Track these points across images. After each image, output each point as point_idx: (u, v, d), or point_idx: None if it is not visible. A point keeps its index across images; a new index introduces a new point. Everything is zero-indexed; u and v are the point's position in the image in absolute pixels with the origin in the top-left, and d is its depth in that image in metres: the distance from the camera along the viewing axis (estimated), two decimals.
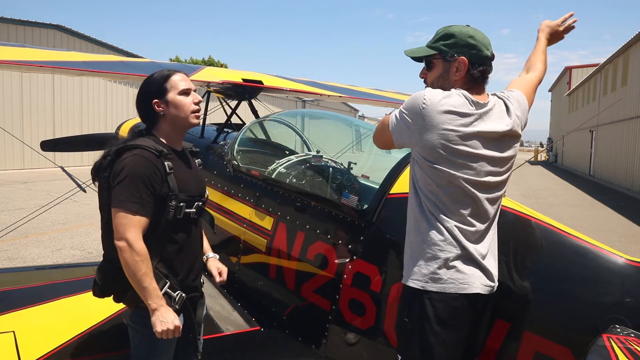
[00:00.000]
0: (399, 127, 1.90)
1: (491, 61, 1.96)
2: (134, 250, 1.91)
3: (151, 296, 1.94)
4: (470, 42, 1.90)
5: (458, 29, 1.93)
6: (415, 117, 1.84)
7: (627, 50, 21.51)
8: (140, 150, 2.00)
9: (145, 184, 1.96)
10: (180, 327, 1.99)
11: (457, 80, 1.92)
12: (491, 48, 1.95)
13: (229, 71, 4.28)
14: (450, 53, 1.91)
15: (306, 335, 2.82)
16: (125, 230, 1.92)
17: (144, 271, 1.92)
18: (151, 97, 2.12)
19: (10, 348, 2.35)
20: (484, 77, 1.95)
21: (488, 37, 1.96)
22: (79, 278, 3.29)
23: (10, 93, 18.42)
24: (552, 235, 2.14)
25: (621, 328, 1.79)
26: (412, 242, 1.95)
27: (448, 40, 1.92)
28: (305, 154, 3.64)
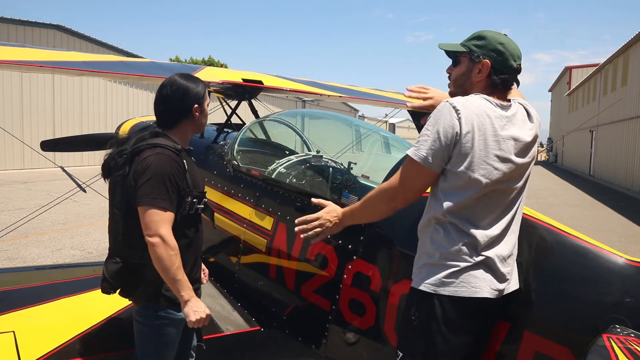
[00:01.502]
0: (432, 149, 1.81)
1: (517, 73, 1.96)
2: (168, 245, 2.00)
3: (184, 288, 2.03)
4: (499, 48, 1.91)
5: (492, 34, 1.95)
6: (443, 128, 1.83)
7: (627, 50, 21.51)
8: (162, 149, 2.10)
9: (171, 181, 2.06)
10: (209, 315, 2.10)
11: (478, 82, 1.93)
12: (519, 60, 1.94)
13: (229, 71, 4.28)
14: (477, 53, 1.92)
15: (306, 335, 2.82)
16: (159, 227, 2.00)
17: (178, 265, 2.02)
18: (193, 102, 2.24)
19: (10, 348, 2.36)
20: (505, 86, 1.94)
21: (521, 51, 1.95)
22: (79, 278, 3.30)
23: (10, 93, 18.42)
24: (552, 235, 2.14)
25: (621, 328, 1.79)
26: (426, 247, 1.92)
27: (479, 41, 1.94)
28: (305, 154, 3.64)
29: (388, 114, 5.04)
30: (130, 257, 2.13)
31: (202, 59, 36.74)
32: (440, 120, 1.80)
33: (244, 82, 4.10)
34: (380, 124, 5.50)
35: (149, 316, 2.16)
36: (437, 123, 1.80)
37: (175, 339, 2.22)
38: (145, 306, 2.17)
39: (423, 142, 1.82)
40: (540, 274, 2.07)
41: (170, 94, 2.23)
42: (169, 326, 2.18)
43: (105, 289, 2.18)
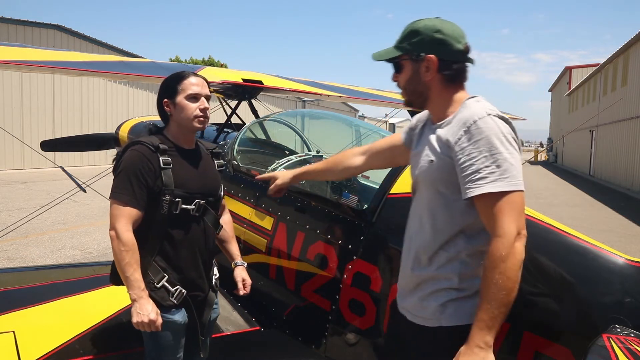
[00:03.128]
0: (518, 167, 1.59)
1: (466, 54, 1.75)
2: (120, 240, 1.98)
3: (132, 286, 1.98)
4: (437, 37, 1.71)
5: (423, 24, 1.74)
6: (517, 143, 1.63)
7: (627, 50, 21.51)
8: (139, 145, 2.09)
9: (137, 177, 2.03)
10: (156, 322, 1.99)
11: (432, 81, 1.74)
12: (464, 40, 1.74)
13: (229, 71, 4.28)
14: (417, 51, 1.73)
15: (306, 335, 2.82)
16: (115, 221, 2.01)
17: (127, 261, 1.98)
18: (162, 97, 2.21)
19: (10, 348, 2.35)
20: (463, 75, 1.77)
21: (462, 29, 1.76)
22: (79, 278, 3.30)
23: (10, 93, 18.42)
24: (552, 235, 2.14)
25: (621, 328, 1.79)
26: (451, 283, 1.70)
27: (414, 37, 1.74)
28: (305, 154, 3.64)
29: (388, 114, 5.04)
30: None
31: (202, 59, 36.74)
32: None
33: (244, 82, 4.11)
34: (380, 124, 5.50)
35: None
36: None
37: (174, 343, 2.17)
38: None
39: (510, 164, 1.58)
40: (540, 274, 2.07)
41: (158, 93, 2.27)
42: (162, 329, 2.11)
43: (110, 279, 2.25)
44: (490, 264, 1.52)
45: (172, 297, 2.11)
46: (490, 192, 1.54)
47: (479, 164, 1.56)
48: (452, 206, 1.69)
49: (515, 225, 1.53)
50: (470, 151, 1.58)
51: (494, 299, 1.50)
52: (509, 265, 1.50)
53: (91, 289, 2.98)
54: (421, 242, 1.78)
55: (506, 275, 1.49)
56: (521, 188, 1.58)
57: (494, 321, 1.51)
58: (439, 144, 1.71)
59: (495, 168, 1.55)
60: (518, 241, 1.53)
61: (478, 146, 1.57)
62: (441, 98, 1.77)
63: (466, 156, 1.58)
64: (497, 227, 1.54)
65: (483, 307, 1.52)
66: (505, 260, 1.50)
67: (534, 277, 2.06)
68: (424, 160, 1.76)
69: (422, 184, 1.80)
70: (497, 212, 1.54)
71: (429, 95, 1.78)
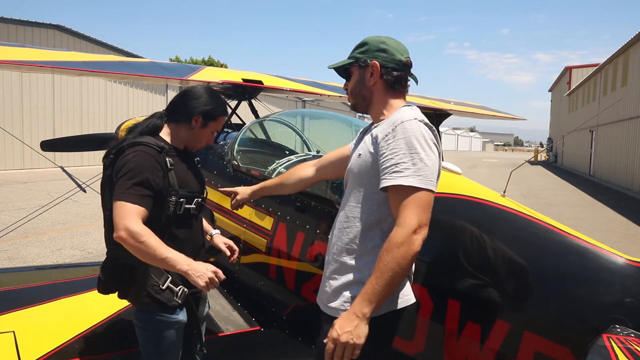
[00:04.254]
0: (433, 169, 1.76)
1: (407, 68, 1.97)
2: (135, 234, 1.88)
3: (176, 262, 1.90)
4: (381, 47, 1.94)
5: (373, 38, 1.99)
6: (437, 148, 1.83)
7: (627, 50, 21.51)
8: (143, 146, 2.07)
9: (147, 177, 2.00)
10: (217, 272, 1.93)
11: (374, 86, 1.95)
12: (407, 54, 1.97)
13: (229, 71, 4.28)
14: (363, 59, 1.95)
15: (306, 335, 2.82)
16: (123, 219, 1.91)
17: (156, 245, 1.89)
18: (198, 112, 2.23)
19: (10, 348, 2.35)
20: (401, 84, 1.96)
21: (406, 47, 1.98)
22: (79, 278, 3.29)
23: (10, 93, 18.42)
24: (552, 235, 2.14)
25: (621, 328, 1.79)
26: (358, 274, 1.84)
27: (362, 47, 1.98)
28: (305, 154, 3.64)
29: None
30: (122, 257, 2.05)
31: (202, 59, 36.74)
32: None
33: (244, 82, 4.11)
34: None
35: (146, 320, 2.14)
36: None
37: (175, 342, 2.19)
38: (142, 309, 2.15)
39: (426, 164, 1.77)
40: (540, 273, 2.07)
41: (192, 91, 2.28)
42: (165, 330, 2.14)
43: (100, 289, 2.17)
44: (386, 246, 1.67)
45: (176, 297, 2.10)
46: (402, 184, 1.69)
47: (397, 159, 1.72)
48: (370, 199, 1.85)
49: (417, 219, 1.67)
50: (392, 147, 1.74)
51: (380, 277, 1.65)
52: (402, 252, 1.64)
53: (91, 289, 2.96)
54: (340, 233, 1.93)
55: (396, 261, 1.64)
56: (431, 187, 1.72)
57: (375, 296, 1.66)
58: (369, 141, 1.89)
59: (411, 165, 1.71)
60: (417, 234, 1.66)
61: (400, 143, 1.74)
62: (381, 103, 1.96)
63: (389, 151, 1.75)
64: (401, 217, 1.69)
65: (370, 282, 1.68)
66: (399, 246, 1.64)
67: (534, 277, 2.06)
68: (354, 156, 1.96)
69: (349, 178, 1.97)
70: (404, 204, 1.69)
71: (372, 99, 1.98)
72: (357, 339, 1.65)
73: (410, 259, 1.66)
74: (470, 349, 2.11)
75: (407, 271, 1.68)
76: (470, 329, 2.10)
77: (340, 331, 1.66)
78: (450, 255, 2.25)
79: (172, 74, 3.31)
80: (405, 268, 1.66)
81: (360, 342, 1.66)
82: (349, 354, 1.66)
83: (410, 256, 1.65)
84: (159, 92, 25.06)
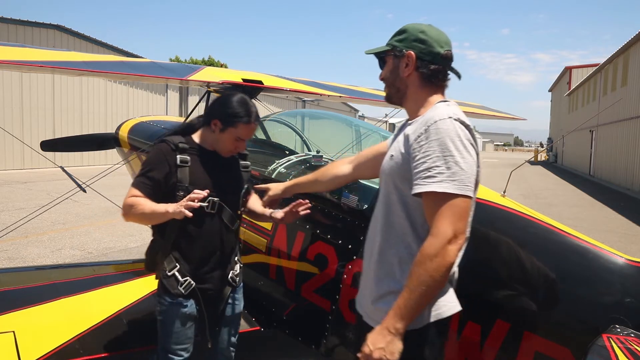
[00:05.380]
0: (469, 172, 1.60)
1: (447, 61, 1.80)
2: (126, 205, 2.16)
3: (164, 209, 2.10)
4: (420, 37, 1.78)
5: (413, 25, 1.83)
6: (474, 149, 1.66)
7: (627, 50, 21.51)
8: (163, 144, 2.28)
9: (152, 170, 2.21)
10: (185, 203, 2.08)
11: (408, 77, 1.80)
12: (447, 47, 1.80)
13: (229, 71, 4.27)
14: (399, 48, 1.81)
15: (306, 335, 2.82)
16: (124, 201, 2.18)
17: (142, 204, 2.14)
18: (216, 115, 2.31)
19: (10, 348, 2.35)
20: (437, 77, 1.80)
21: (449, 38, 1.82)
22: (79, 278, 3.29)
23: (10, 93, 18.42)
24: (552, 235, 2.14)
25: (621, 328, 1.79)
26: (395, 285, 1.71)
27: (400, 35, 1.83)
28: (305, 154, 3.64)
29: (388, 114, 5.03)
30: (153, 237, 2.34)
31: (202, 59, 36.73)
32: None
33: (244, 82, 4.10)
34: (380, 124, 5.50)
35: (157, 301, 2.34)
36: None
37: (179, 331, 2.27)
38: (157, 291, 2.34)
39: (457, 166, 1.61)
40: (540, 274, 2.07)
41: (221, 96, 2.39)
42: (167, 314, 2.28)
43: (144, 266, 2.40)
44: (419, 258, 1.56)
45: (180, 286, 2.24)
46: (435, 191, 1.56)
47: (430, 163, 1.59)
48: (404, 203, 1.72)
49: (452, 228, 1.54)
50: (425, 149, 1.61)
51: (413, 291, 1.55)
52: (435, 264, 1.53)
53: (91, 289, 2.98)
54: (374, 239, 1.83)
55: (429, 273, 1.53)
56: (466, 193, 1.58)
57: (408, 310, 1.56)
58: (402, 141, 1.75)
59: (445, 169, 1.57)
60: (452, 244, 1.54)
61: (433, 145, 1.60)
62: (416, 97, 1.82)
63: (421, 153, 1.62)
64: (434, 226, 1.57)
65: (402, 295, 1.57)
66: (432, 259, 1.53)
67: (534, 277, 2.06)
68: (387, 156, 1.83)
69: (382, 180, 1.85)
70: (438, 212, 1.57)
71: (406, 92, 1.83)
72: (390, 355, 1.56)
73: (445, 270, 1.54)
74: (469, 348, 2.11)
75: (443, 283, 1.57)
76: (470, 329, 2.10)
77: (372, 347, 1.57)
78: None
79: (172, 74, 3.30)
80: (440, 280, 1.54)
81: (394, 358, 1.56)
82: None
83: (445, 268, 1.53)
84: (159, 92, 25.05)
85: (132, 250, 7.12)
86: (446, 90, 1.85)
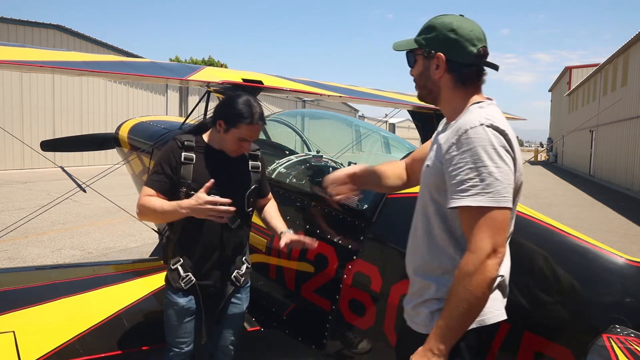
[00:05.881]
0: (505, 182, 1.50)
1: (482, 58, 1.67)
2: (140, 206, 2.24)
3: (177, 207, 2.17)
4: (450, 37, 1.64)
5: (441, 21, 1.68)
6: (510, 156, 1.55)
7: (627, 50, 21.51)
8: (172, 141, 2.37)
9: (161, 166, 2.30)
10: (200, 198, 2.14)
11: (441, 79, 1.69)
12: (480, 43, 1.66)
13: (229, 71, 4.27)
14: (429, 48, 1.68)
15: (306, 335, 2.82)
16: (139, 201, 2.26)
17: (158, 204, 2.21)
18: (220, 116, 2.34)
19: (10, 348, 2.35)
20: (472, 79, 1.68)
21: (482, 31, 1.69)
22: (79, 278, 3.29)
23: (10, 93, 18.42)
24: (552, 235, 2.14)
25: (621, 328, 1.79)
26: (442, 293, 1.63)
27: (429, 33, 1.69)
28: (305, 154, 3.64)
29: (388, 114, 5.04)
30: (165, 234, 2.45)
31: (202, 59, 36.73)
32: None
33: (244, 82, 4.10)
34: (380, 124, 5.50)
35: (164, 304, 2.41)
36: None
37: (177, 324, 2.34)
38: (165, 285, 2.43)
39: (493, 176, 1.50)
40: (540, 274, 2.07)
41: (227, 96, 2.40)
42: (168, 307, 2.37)
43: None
44: (458, 275, 1.50)
45: (181, 280, 2.31)
46: (469, 205, 1.49)
47: (463, 175, 1.51)
48: (444, 214, 1.64)
49: (491, 242, 1.47)
50: (457, 161, 1.53)
51: (454, 310, 1.48)
52: (475, 281, 1.46)
53: (91, 289, 2.97)
54: (417, 249, 1.76)
55: (470, 290, 1.46)
56: (504, 205, 1.49)
57: (450, 331, 1.49)
58: (437, 149, 1.67)
59: (478, 181, 1.48)
60: (492, 259, 1.47)
61: (465, 157, 1.51)
62: (450, 99, 1.71)
63: (453, 165, 1.54)
64: (472, 242, 1.49)
65: (444, 316, 1.51)
66: (471, 275, 1.46)
67: (534, 277, 2.06)
68: (424, 164, 1.74)
69: (420, 189, 1.78)
70: (474, 227, 1.49)
71: (439, 94, 1.73)
72: None
73: (486, 286, 1.46)
74: None
75: (484, 300, 1.49)
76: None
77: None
78: None
79: (172, 74, 3.30)
80: (482, 297, 1.47)
81: None
82: None
83: (486, 284, 1.45)
84: (159, 92, 25.06)
85: (132, 250, 7.13)
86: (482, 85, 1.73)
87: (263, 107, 2.43)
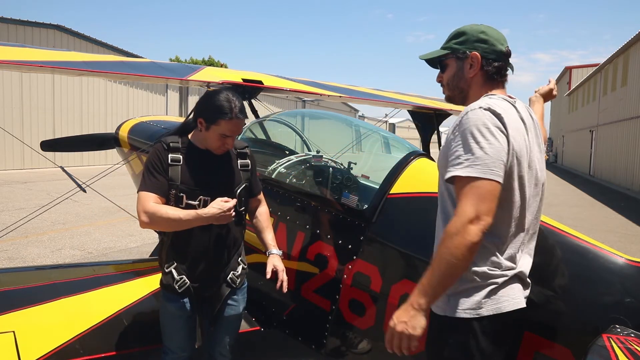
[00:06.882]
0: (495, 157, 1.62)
1: (507, 57, 1.88)
2: (149, 212, 2.16)
3: (193, 216, 2.17)
4: (482, 37, 1.85)
5: (469, 27, 1.89)
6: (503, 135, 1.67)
7: (627, 50, 21.50)
8: (158, 144, 2.34)
9: (149, 169, 2.26)
10: (226, 204, 2.19)
11: (473, 78, 1.86)
12: (506, 44, 1.88)
13: (229, 71, 4.27)
14: (462, 50, 1.86)
15: (306, 335, 2.82)
16: (139, 206, 2.20)
17: (171, 212, 2.17)
18: (200, 114, 2.31)
19: (10, 348, 2.35)
20: (501, 74, 1.87)
21: (504, 35, 1.89)
22: (79, 278, 3.29)
23: (10, 93, 18.42)
24: (552, 235, 2.14)
25: (621, 328, 1.79)
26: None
27: (459, 38, 1.89)
28: (305, 154, 3.64)
29: (388, 114, 5.04)
30: (160, 238, 2.47)
31: (202, 59, 36.73)
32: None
33: (244, 82, 4.10)
34: (380, 124, 5.49)
35: (160, 300, 2.41)
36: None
37: (169, 327, 2.35)
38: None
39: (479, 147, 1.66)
40: (540, 274, 2.07)
41: (205, 94, 2.37)
42: (163, 309, 2.39)
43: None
44: (442, 237, 1.62)
45: (175, 283, 2.30)
46: (460, 175, 1.62)
47: (459, 151, 1.65)
48: (453, 193, 1.74)
49: (475, 209, 1.57)
50: (456, 140, 1.68)
51: (435, 269, 1.61)
52: (455, 242, 1.56)
53: (91, 289, 2.97)
54: (438, 233, 1.85)
55: (450, 250, 1.57)
56: (491, 177, 1.60)
57: (431, 288, 1.61)
58: (447, 134, 1.81)
59: (469, 155, 1.62)
60: (474, 224, 1.57)
61: (461, 134, 1.67)
62: (478, 95, 1.85)
63: (454, 143, 1.69)
64: (458, 207, 1.62)
65: (426, 273, 1.63)
66: (452, 237, 1.57)
67: (534, 277, 2.06)
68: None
69: (438, 172, 1.87)
70: (461, 195, 1.62)
71: (469, 92, 1.89)
72: (412, 329, 1.62)
73: (465, 249, 1.56)
74: None
75: (465, 262, 1.59)
76: None
77: (396, 320, 1.65)
78: None
79: (172, 74, 3.30)
80: (462, 259, 1.56)
81: (416, 333, 1.62)
82: (405, 344, 1.64)
83: (465, 246, 1.55)
84: (159, 92, 25.06)
85: (132, 250, 7.13)
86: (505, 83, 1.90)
87: (263, 107, 2.44)
